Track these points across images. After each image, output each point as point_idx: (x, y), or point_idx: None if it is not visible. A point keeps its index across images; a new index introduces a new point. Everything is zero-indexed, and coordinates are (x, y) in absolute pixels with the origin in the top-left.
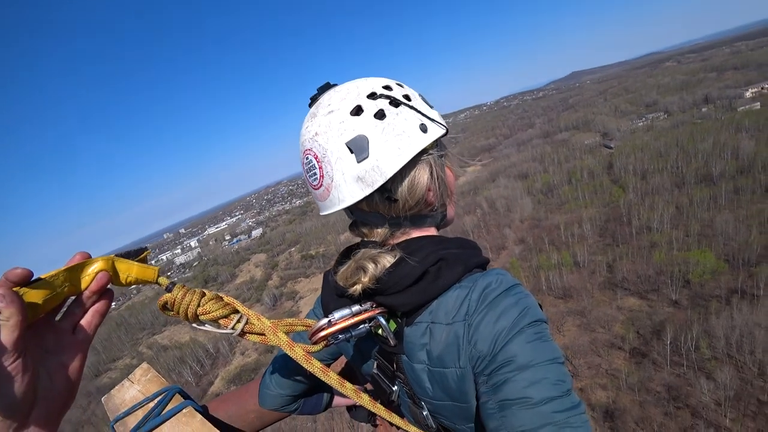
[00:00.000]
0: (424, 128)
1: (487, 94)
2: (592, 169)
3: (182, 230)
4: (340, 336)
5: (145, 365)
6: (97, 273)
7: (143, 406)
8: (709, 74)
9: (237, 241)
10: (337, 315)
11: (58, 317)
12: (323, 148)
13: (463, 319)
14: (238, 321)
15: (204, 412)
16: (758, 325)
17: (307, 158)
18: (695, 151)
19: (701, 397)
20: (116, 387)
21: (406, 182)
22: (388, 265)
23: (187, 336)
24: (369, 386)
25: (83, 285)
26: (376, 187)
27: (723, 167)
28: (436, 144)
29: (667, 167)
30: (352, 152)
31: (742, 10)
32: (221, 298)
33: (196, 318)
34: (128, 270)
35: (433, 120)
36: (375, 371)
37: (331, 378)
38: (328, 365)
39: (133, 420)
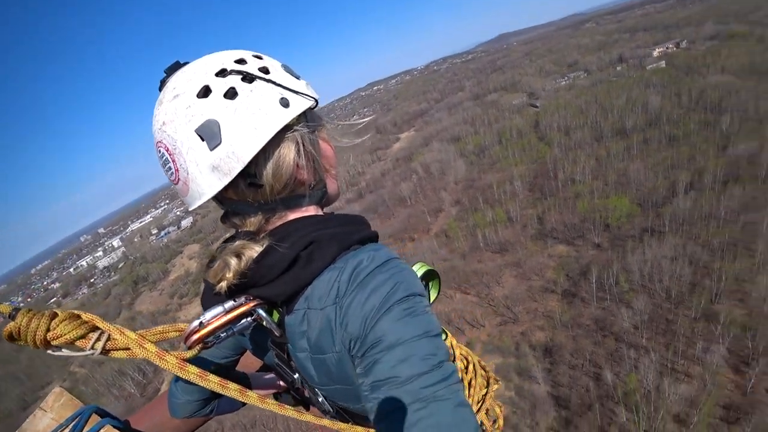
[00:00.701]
0: (285, 102)
1: (416, 59)
2: (521, 128)
3: (101, 230)
4: (221, 335)
5: (57, 389)
6: None
7: None
8: (623, 35)
9: (165, 234)
10: (208, 315)
11: None
12: (172, 138)
13: (333, 303)
14: (98, 339)
15: (125, 427)
16: (665, 257)
17: (159, 151)
18: (611, 106)
19: (622, 324)
20: (27, 419)
21: (270, 164)
22: (254, 255)
23: None
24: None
25: None
26: (234, 174)
27: (635, 121)
28: (305, 117)
29: (587, 123)
30: (203, 140)
31: None
32: (78, 316)
33: (47, 344)
34: None
35: (297, 92)
36: (275, 361)
37: (211, 382)
38: (233, 362)
39: None
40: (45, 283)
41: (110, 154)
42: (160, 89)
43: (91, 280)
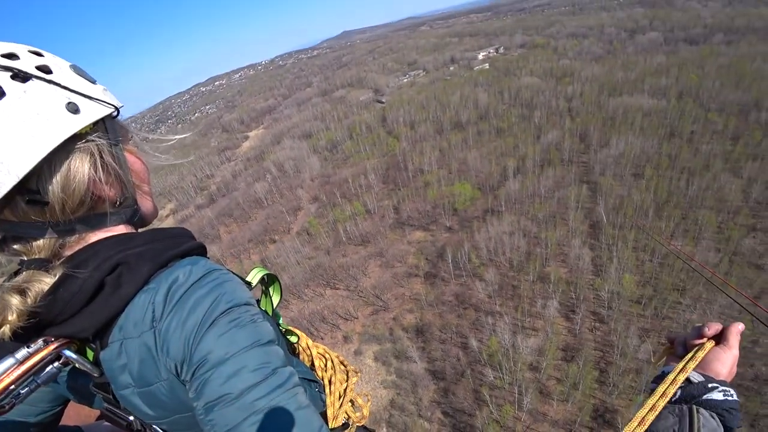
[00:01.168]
0: (73, 108)
1: (261, 54)
2: (369, 123)
3: None
4: (20, 391)
5: None
6: None
7: None
8: (453, 39)
9: None
10: None
11: None
12: None
13: (150, 327)
14: None
15: None
16: (504, 232)
17: None
18: (448, 102)
19: (479, 296)
20: None
21: (57, 178)
22: (46, 288)
23: None
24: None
25: None
26: (5, 190)
27: (468, 115)
28: (104, 127)
29: (429, 117)
30: None
31: None
32: None
33: None
34: None
35: (91, 97)
36: (105, 406)
37: None
38: (58, 413)
39: None
40: None
41: None
42: None
43: None
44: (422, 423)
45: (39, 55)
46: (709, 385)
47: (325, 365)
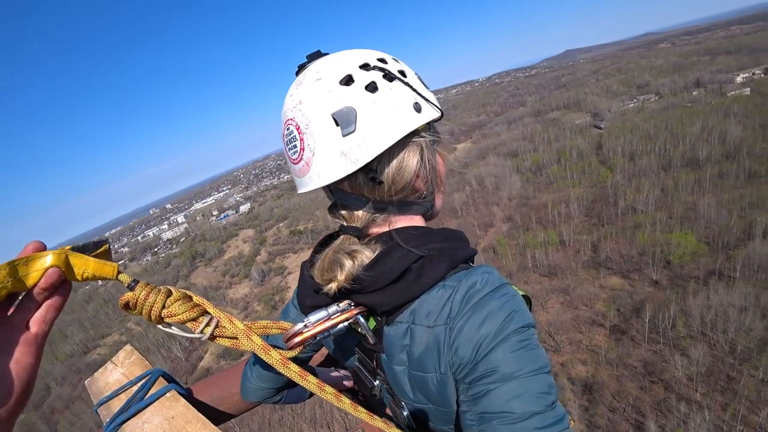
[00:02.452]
0: (418, 107)
1: (479, 71)
2: (582, 149)
3: (168, 205)
4: (318, 337)
5: (128, 347)
6: (47, 269)
7: (127, 389)
8: (702, 57)
9: (225, 217)
10: (312, 319)
11: (10, 312)
12: (306, 118)
13: (444, 323)
14: (208, 324)
15: (188, 395)
16: (732, 305)
17: (288, 129)
18: (683, 134)
19: (675, 373)
20: (99, 370)
21: (393, 164)
22: (366, 261)
23: None
24: (350, 383)
25: (31, 281)
26: (360, 165)
27: (709, 151)
28: (429, 127)
29: (655, 149)
30: (337, 125)
31: None
32: (190, 297)
33: (160, 320)
34: (84, 266)
35: (428, 101)
36: (356, 365)
37: (310, 382)
38: (310, 357)
39: (117, 404)
40: (116, 246)
41: (185, 137)
42: (297, 74)
43: (155, 250)
44: None
45: (397, 61)
46: None
47: None
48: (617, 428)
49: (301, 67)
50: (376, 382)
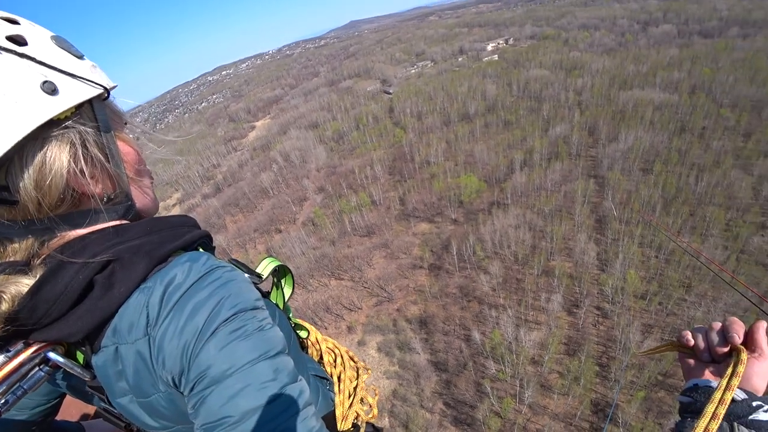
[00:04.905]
0: (50, 88)
1: (268, 43)
2: (376, 114)
3: None
4: (7, 399)
5: None
6: None
7: None
8: (462, 29)
9: None
10: None
11: None
12: None
13: (144, 334)
14: None
15: None
16: (510, 225)
17: None
18: (456, 94)
19: (483, 288)
20: None
21: (29, 172)
22: (24, 291)
23: None
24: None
25: None
26: None
27: (476, 107)
28: (91, 111)
29: (436, 109)
30: None
31: None
32: None
33: None
34: None
35: (74, 75)
36: (102, 405)
37: None
38: (55, 406)
39: None
40: None
41: None
42: None
43: None
44: (424, 414)
45: (14, 23)
46: (753, 404)
47: (335, 361)
48: (452, 346)
49: None
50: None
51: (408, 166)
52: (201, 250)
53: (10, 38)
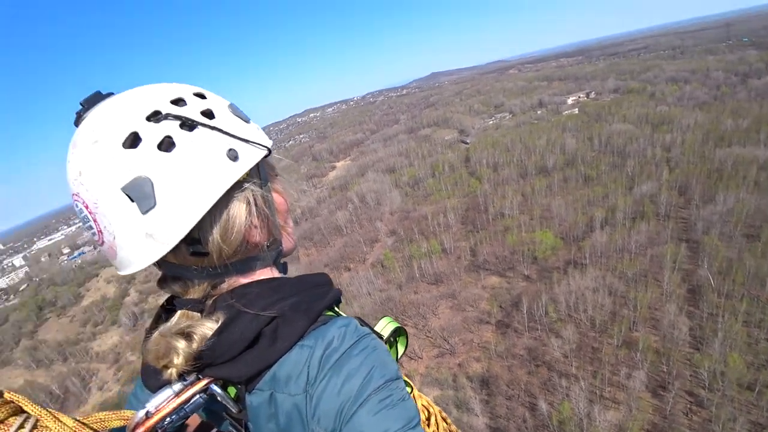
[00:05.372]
0: (234, 155)
1: (353, 90)
2: (452, 162)
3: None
4: (172, 417)
5: None
6: None
7: None
8: (542, 83)
9: (80, 255)
10: (155, 402)
11: None
12: (92, 194)
13: (303, 391)
14: (21, 426)
15: None
16: (587, 288)
17: (77, 206)
18: (534, 146)
19: (553, 353)
20: None
21: (217, 228)
22: (209, 334)
23: (21, 379)
24: None
25: None
26: (172, 244)
27: (555, 160)
28: (257, 170)
29: (513, 160)
30: (132, 201)
31: (565, 32)
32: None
33: None
34: None
35: (248, 141)
36: (230, 429)
37: None
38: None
39: None
40: None
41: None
42: (76, 124)
43: None
44: None
45: (201, 97)
46: None
47: (428, 419)
48: (515, 413)
49: (79, 117)
50: None
51: (481, 217)
52: (337, 308)
53: (203, 113)
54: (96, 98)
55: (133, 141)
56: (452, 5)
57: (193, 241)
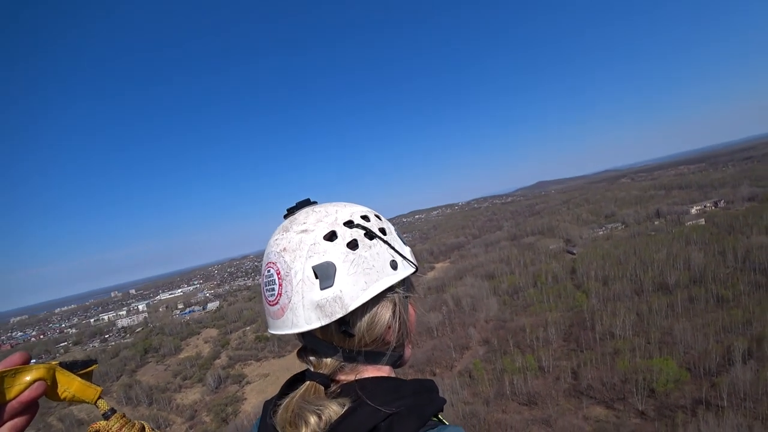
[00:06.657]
0: (394, 265)
1: (459, 196)
2: (557, 273)
3: (132, 291)
4: None
5: None
6: (33, 382)
7: None
8: (659, 192)
9: (189, 312)
10: None
11: None
12: (288, 266)
13: None
14: None
15: None
16: None
17: (268, 271)
18: (651, 260)
19: None
20: None
21: (366, 318)
22: (334, 417)
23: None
24: None
25: (12, 393)
26: (334, 318)
27: (677, 277)
28: (404, 282)
29: (626, 275)
30: (317, 277)
31: (683, 139)
32: None
33: None
34: (68, 384)
35: (404, 258)
36: None
37: None
38: None
39: None
40: (63, 326)
41: (165, 224)
42: (286, 217)
43: (106, 336)
44: None
45: (379, 218)
46: None
47: None
48: None
49: (290, 212)
50: None
51: (587, 335)
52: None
53: (380, 229)
54: (306, 202)
55: (331, 236)
56: (558, 114)
57: (345, 322)
